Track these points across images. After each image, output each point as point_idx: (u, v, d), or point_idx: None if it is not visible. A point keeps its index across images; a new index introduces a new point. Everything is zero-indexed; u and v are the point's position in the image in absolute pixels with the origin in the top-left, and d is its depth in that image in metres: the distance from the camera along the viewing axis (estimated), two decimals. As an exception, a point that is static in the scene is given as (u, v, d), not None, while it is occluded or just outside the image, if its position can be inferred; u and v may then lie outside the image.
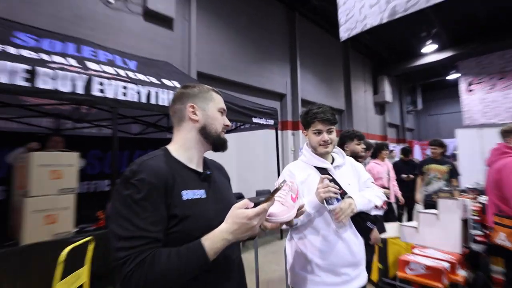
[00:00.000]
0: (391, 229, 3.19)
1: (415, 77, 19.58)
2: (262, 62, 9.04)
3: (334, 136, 1.77)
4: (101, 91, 2.89)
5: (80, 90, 2.74)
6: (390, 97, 16.61)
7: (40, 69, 2.54)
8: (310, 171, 1.75)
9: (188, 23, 6.86)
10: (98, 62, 3.44)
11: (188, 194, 1.05)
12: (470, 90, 11.78)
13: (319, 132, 1.75)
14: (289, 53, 10.19)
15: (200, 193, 1.09)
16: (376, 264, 3.05)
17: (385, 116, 17.23)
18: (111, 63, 3.65)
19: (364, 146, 3.10)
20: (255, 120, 4.71)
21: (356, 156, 2.97)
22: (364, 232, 1.75)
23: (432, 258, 2.11)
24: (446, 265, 1.97)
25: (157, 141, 5.63)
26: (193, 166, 1.16)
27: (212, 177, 1.20)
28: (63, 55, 3.23)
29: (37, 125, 4.46)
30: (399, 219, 5.75)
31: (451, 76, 17.31)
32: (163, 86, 3.53)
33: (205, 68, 7.17)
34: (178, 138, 1.19)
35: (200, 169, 1.19)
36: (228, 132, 5.86)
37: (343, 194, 1.67)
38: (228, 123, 1.22)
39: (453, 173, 4.69)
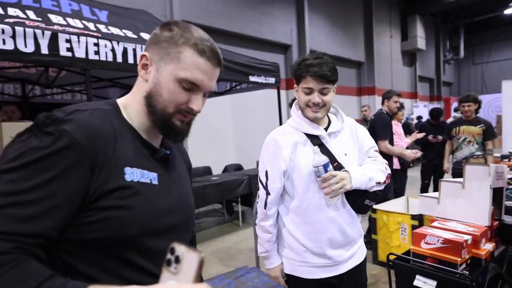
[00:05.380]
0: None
1: (458, 15, 19.02)
2: (261, 5, 8.98)
3: (329, 98, 1.65)
4: (69, 49, 2.99)
5: (44, 49, 2.84)
6: (423, 43, 16.44)
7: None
8: (298, 139, 1.70)
9: (167, -42, 6.80)
10: (61, 14, 3.50)
11: (134, 174, 0.86)
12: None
13: (309, 91, 1.63)
14: (294, -8, 10.04)
15: (150, 177, 0.91)
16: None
17: (416, 67, 17.16)
18: (77, 15, 3.70)
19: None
20: (252, 78, 4.77)
21: None
22: (362, 211, 1.81)
23: (453, 231, 2.29)
24: (468, 238, 2.15)
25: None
26: (145, 136, 0.96)
27: (172, 160, 1.03)
28: (19, 6, 3.28)
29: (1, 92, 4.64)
30: (425, 189, 6.01)
31: (508, 11, 16.86)
32: (142, 41, 3.61)
33: (191, 16, 7.17)
34: (132, 91, 1.00)
35: (156, 144, 1.00)
36: (221, 93, 5.81)
37: (338, 167, 1.65)
38: (195, 107, 0.92)
39: (488, 135, 4.80)
